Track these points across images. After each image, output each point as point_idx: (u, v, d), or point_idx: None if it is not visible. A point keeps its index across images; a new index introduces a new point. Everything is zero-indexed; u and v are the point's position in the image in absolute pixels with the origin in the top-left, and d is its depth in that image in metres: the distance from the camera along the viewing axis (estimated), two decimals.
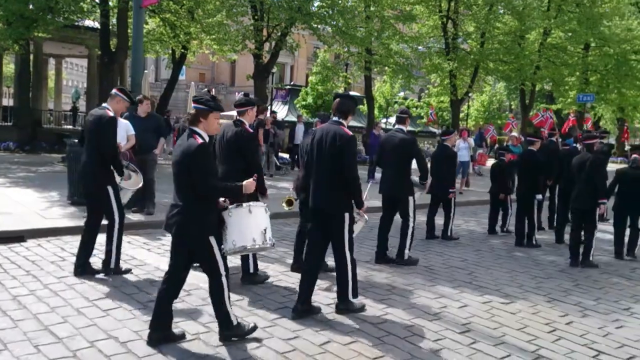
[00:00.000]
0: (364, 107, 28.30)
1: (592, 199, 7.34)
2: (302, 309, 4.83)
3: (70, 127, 24.62)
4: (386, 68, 23.31)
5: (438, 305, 5.42)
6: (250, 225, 4.36)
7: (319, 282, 5.23)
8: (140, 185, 6.59)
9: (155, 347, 4.02)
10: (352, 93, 35.03)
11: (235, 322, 4.20)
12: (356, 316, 4.92)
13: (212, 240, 4.06)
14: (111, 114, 5.70)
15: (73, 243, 6.99)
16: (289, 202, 5.82)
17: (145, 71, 15.84)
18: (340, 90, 31.21)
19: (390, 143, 7.00)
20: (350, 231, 4.97)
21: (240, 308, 4.95)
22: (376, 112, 30.25)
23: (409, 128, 7.69)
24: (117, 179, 5.80)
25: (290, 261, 6.45)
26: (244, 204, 4.37)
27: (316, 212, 4.99)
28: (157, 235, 7.66)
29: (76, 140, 9.57)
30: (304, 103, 32.18)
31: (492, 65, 24.47)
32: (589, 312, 5.50)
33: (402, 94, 39.08)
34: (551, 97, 35.55)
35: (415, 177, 7.20)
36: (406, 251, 6.89)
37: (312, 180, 5.01)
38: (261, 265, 6.08)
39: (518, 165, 8.98)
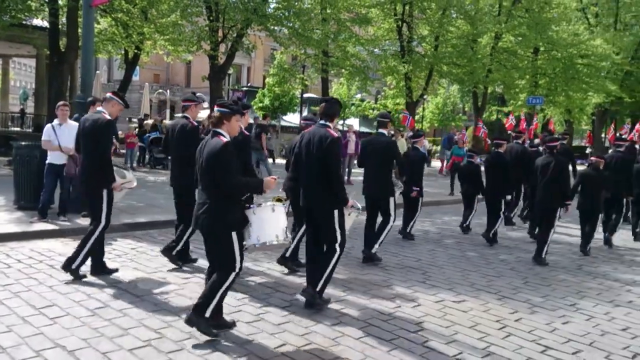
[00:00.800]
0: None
1: (555, 199, 7.69)
2: (312, 294, 5.09)
3: (18, 129, 23.77)
4: (343, 70, 23.45)
5: (392, 305, 5.48)
6: (272, 222, 4.63)
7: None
8: (135, 183, 6.71)
9: (105, 355, 3.94)
10: (309, 95, 35.19)
11: (208, 316, 4.24)
12: (311, 317, 4.93)
13: (234, 236, 4.28)
14: (108, 117, 5.77)
15: (19, 249, 6.77)
16: (279, 201, 5.97)
17: (97, 72, 15.46)
18: (297, 92, 31.29)
19: (373, 146, 7.28)
20: (342, 226, 5.19)
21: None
22: None
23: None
24: (119, 180, 5.93)
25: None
26: (268, 203, 4.70)
27: (307, 210, 5.35)
28: (107, 240, 7.48)
29: (23, 143, 9.30)
30: (261, 105, 32.08)
31: (445, 68, 24.95)
32: (537, 308, 5.66)
33: (359, 95, 39.37)
34: (503, 100, 36.48)
35: (394, 179, 7.56)
36: (376, 246, 7.17)
37: (301, 181, 5.34)
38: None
39: (486, 166, 9.33)
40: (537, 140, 13.16)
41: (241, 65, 53.32)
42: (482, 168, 9.57)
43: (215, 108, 4.41)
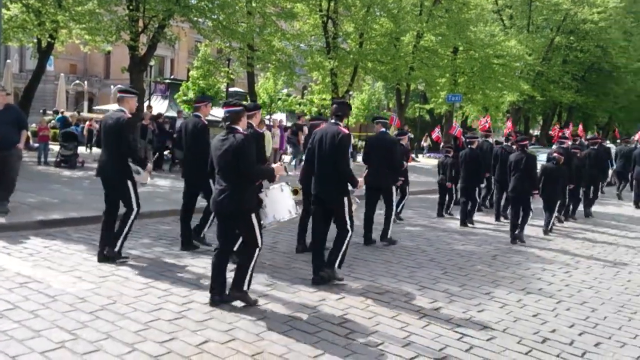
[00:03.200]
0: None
1: (527, 188, 9.22)
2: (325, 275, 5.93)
3: None
4: (269, 65, 23.30)
5: (317, 298, 5.52)
6: (283, 201, 5.40)
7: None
8: (149, 178, 6.92)
9: (14, 358, 3.72)
10: (235, 89, 34.72)
11: (246, 288, 5.02)
12: (234, 314, 4.88)
13: (253, 217, 4.95)
14: (128, 115, 6.29)
15: None
16: (295, 192, 6.52)
17: (8, 61, 14.64)
18: (223, 86, 30.78)
19: (379, 143, 8.48)
20: (350, 211, 6.01)
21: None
22: None
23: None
24: (136, 177, 6.34)
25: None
26: (277, 185, 5.42)
27: (318, 199, 6.11)
28: (19, 238, 7.09)
29: None
30: (184, 98, 31.20)
31: (370, 65, 25.32)
32: (455, 297, 5.88)
33: (285, 90, 39.29)
34: (425, 97, 37.61)
35: None
36: (389, 232, 8.41)
37: (315, 173, 6.10)
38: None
39: (461, 160, 10.73)
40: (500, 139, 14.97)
41: (164, 57, 51.90)
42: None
43: (225, 109, 5.04)
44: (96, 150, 17.87)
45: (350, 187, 6.05)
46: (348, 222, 5.98)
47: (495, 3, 34.52)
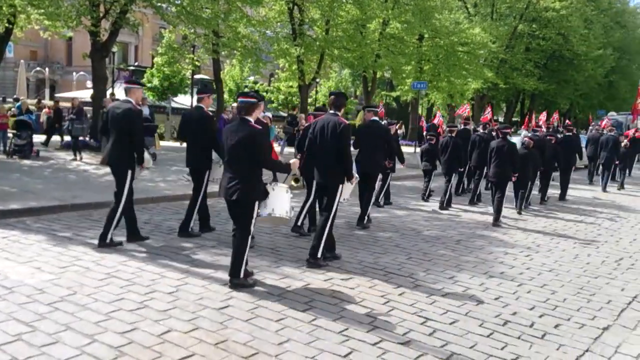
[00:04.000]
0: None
1: (507, 172, 9.93)
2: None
3: None
4: (235, 51, 23.00)
5: (283, 285, 5.51)
6: (285, 200, 5.68)
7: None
8: (151, 163, 7.47)
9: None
10: (200, 76, 34.24)
11: (242, 275, 5.26)
12: (198, 302, 4.84)
13: (256, 205, 5.27)
14: (137, 107, 6.75)
15: None
16: (296, 180, 6.88)
17: None
18: (188, 74, 30.32)
19: (370, 130, 8.61)
20: (338, 200, 6.31)
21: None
22: (226, 96, 29.83)
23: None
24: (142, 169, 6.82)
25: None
26: (283, 184, 5.86)
27: (320, 185, 6.60)
28: None
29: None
30: (149, 85, 30.65)
31: (337, 52, 25.27)
32: (420, 282, 5.95)
33: (252, 78, 38.93)
34: (391, 85, 37.78)
35: None
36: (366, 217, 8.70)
37: (316, 161, 6.43)
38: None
39: (443, 147, 11.66)
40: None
41: (128, 44, 50.72)
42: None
43: (240, 99, 5.27)
44: (56, 139, 17.46)
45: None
46: (333, 209, 6.27)
47: None
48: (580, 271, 6.88)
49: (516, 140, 12.42)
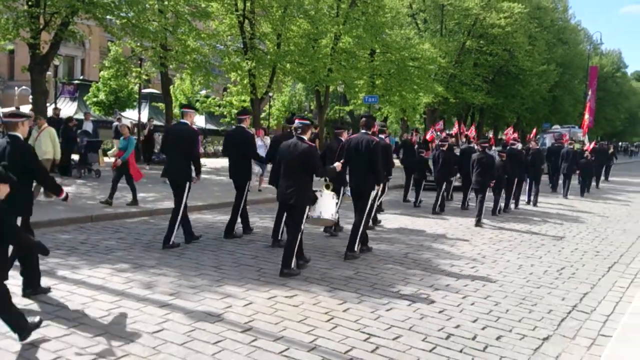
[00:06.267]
0: (163, 105, 27.13)
1: (488, 181, 11.61)
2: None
3: None
4: (184, 65, 22.62)
5: (223, 305, 5.32)
6: (331, 205, 7.00)
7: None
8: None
9: None
10: (150, 90, 33.58)
11: (293, 266, 6.51)
12: (131, 327, 4.59)
13: (307, 208, 6.62)
14: (194, 127, 8.19)
15: None
16: (327, 187, 7.29)
17: None
18: (136, 88, 29.63)
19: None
20: (373, 202, 7.94)
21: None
22: (177, 110, 29.30)
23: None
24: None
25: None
26: (329, 191, 7.02)
27: (355, 192, 7.74)
28: None
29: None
30: (95, 100, 29.79)
31: (289, 66, 25.19)
32: (365, 297, 5.84)
33: (204, 92, 38.44)
34: (345, 99, 37.99)
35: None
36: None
37: (352, 172, 7.69)
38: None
39: (434, 159, 13.61)
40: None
41: (74, 57, 49.30)
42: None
43: (298, 120, 6.79)
44: None
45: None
46: (367, 211, 7.63)
47: (410, 7, 35.45)
48: (523, 281, 6.93)
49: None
